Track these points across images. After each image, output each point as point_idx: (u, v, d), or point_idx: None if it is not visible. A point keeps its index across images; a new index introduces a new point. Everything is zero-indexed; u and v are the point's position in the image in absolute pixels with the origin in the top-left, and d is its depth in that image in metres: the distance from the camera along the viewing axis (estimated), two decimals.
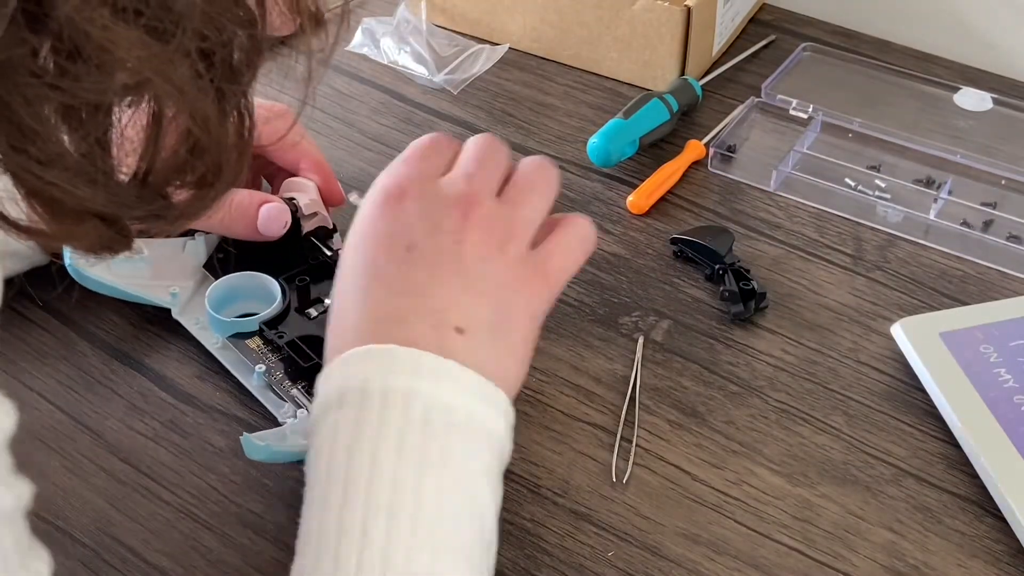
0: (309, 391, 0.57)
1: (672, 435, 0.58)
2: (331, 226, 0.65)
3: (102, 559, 0.53)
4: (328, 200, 0.66)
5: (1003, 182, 0.72)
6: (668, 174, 0.73)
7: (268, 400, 0.58)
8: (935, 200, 0.70)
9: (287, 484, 0.56)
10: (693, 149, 0.75)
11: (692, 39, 0.78)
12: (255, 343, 0.60)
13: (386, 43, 0.85)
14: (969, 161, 0.73)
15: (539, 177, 0.53)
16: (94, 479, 0.56)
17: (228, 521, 0.54)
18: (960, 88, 0.79)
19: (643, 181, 0.72)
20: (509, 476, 0.56)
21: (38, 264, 0.62)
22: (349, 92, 0.82)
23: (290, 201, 0.63)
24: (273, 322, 0.60)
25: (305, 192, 0.65)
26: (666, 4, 0.77)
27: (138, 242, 0.55)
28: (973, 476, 0.56)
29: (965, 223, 0.70)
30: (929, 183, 0.73)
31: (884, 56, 0.84)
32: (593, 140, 0.73)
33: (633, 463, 0.57)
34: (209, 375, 0.61)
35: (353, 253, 0.50)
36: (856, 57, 0.82)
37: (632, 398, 0.60)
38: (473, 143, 0.53)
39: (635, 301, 0.66)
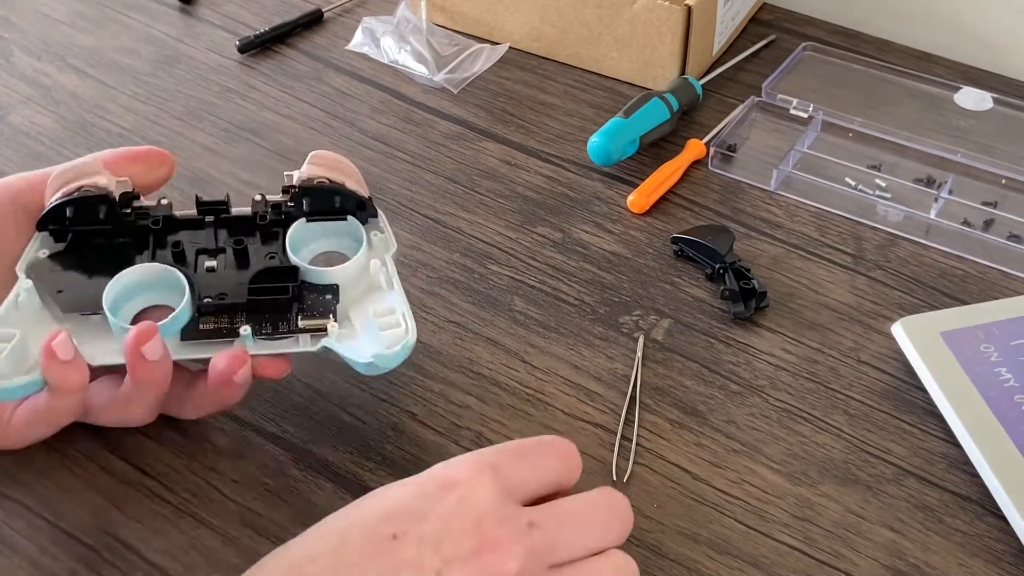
0: (306, 313, 0.56)
1: (673, 434, 0.58)
2: (131, 189, 0.58)
3: (103, 558, 0.53)
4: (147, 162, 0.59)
5: (1004, 181, 0.72)
6: (668, 173, 0.73)
7: (281, 347, 0.55)
8: (936, 199, 0.70)
9: (287, 483, 0.56)
10: (693, 148, 0.75)
11: (692, 38, 0.78)
12: (209, 323, 0.55)
13: (386, 42, 0.85)
14: (970, 160, 0.73)
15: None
16: (94, 478, 0.56)
17: (228, 520, 0.54)
18: (960, 88, 0.79)
19: (643, 180, 0.72)
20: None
21: None
22: (349, 91, 0.82)
23: (81, 188, 0.57)
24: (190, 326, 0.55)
25: (79, 180, 0.57)
26: (666, 3, 0.77)
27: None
28: (974, 475, 0.56)
29: (966, 222, 0.70)
30: (930, 182, 0.73)
31: (884, 55, 0.84)
32: (593, 139, 0.73)
33: (634, 462, 0.57)
34: None
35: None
36: (856, 56, 0.82)
37: (633, 397, 0.60)
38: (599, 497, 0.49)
39: (636, 300, 0.66)
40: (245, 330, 0.54)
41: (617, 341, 0.63)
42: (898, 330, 0.62)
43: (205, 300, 0.55)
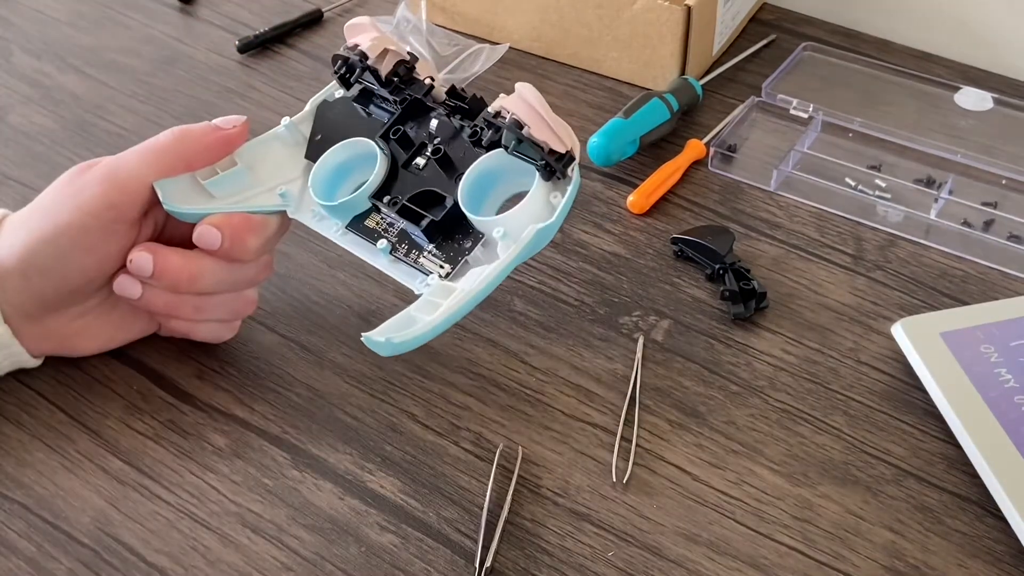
0: (439, 250, 0.56)
1: (672, 435, 0.58)
2: (407, 56, 0.59)
3: (102, 559, 0.53)
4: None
5: (1004, 182, 0.72)
6: (668, 174, 0.73)
7: (401, 274, 0.56)
8: (936, 200, 0.70)
9: (287, 483, 0.56)
10: (693, 148, 0.75)
11: (692, 38, 0.78)
12: (373, 220, 0.57)
13: None
14: (970, 161, 0.73)
15: None
16: (94, 479, 0.56)
17: (228, 521, 0.54)
18: (960, 88, 0.79)
19: (643, 180, 0.72)
20: (508, 476, 0.56)
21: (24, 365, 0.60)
22: None
23: (354, 49, 0.59)
24: (383, 189, 0.57)
25: (364, 33, 0.59)
26: (666, 3, 0.77)
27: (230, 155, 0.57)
28: (973, 476, 0.56)
29: (966, 223, 0.70)
30: (930, 183, 0.73)
31: (884, 55, 0.84)
32: (593, 139, 0.73)
33: (633, 463, 0.57)
34: (208, 374, 0.61)
35: None
36: (856, 56, 0.82)
37: (632, 398, 0.60)
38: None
39: (635, 301, 0.66)
40: (382, 244, 0.56)
41: (617, 342, 0.63)
42: (898, 330, 0.62)
43: (386, 199, 0.57)
